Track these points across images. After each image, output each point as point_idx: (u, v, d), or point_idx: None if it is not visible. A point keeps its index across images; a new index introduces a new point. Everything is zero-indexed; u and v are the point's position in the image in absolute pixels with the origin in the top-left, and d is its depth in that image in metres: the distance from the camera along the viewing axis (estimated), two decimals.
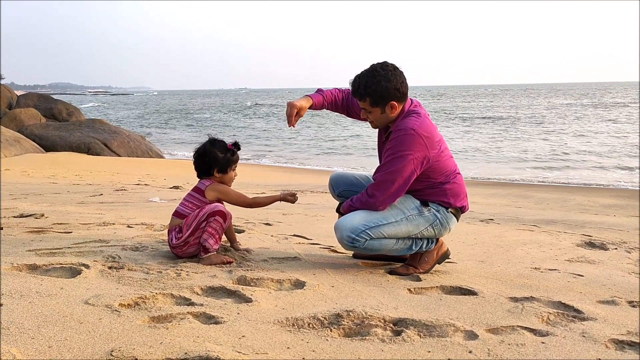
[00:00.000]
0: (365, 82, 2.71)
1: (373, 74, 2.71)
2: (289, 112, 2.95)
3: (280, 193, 3.08)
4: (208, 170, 2.95)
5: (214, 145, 2.95)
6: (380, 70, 2.71)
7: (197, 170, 3.00)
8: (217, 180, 2.97)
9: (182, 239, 2.85)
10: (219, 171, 2.95)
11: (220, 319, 2.03)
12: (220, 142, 2.98)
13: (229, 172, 2.98)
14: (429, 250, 2.93)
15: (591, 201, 8.50)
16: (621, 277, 3.04)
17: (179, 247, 2.87)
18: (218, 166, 2.94)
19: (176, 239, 2.87)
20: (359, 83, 2.74)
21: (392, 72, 2.71)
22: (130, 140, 16.53)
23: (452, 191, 2.86)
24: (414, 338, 1.95)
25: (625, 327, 2.15)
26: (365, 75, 2.73)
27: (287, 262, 2.99)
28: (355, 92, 2.77)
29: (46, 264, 2.62)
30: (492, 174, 13.58)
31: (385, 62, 2.76)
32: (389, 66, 2.73)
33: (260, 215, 4.76)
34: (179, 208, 2.95)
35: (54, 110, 19.28)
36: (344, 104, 3.15)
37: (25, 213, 4.27)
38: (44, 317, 1.92)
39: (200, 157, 2.96)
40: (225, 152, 2.95)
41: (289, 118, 2.95)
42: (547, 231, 4.75)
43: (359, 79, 2.74)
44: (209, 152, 2.94)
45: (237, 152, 3.00)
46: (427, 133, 2.70)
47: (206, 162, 2.94)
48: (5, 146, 13.47)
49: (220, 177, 2.97)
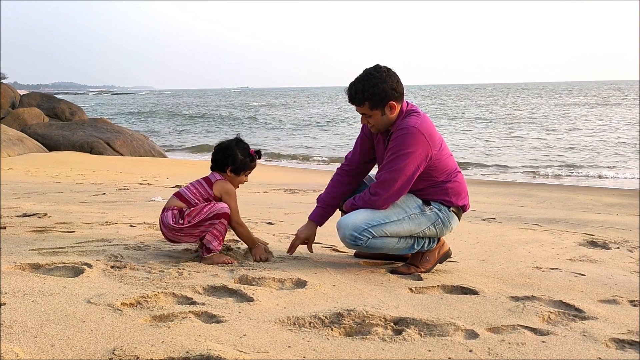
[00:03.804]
0: (362, 86, 2.72)
1: (368, 77, 2.72)
2: (293, 243, 3.02)
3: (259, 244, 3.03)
4: (223, 165, 2.95)
5: (238, 146, 2.96)
6: (374, 72, 2.73)
7: (213, 162, 2.99)
8: (228, 179, 2.97)
9: (181, 226, 2.82)
10: (232, 170, 2.95)
11: (222, 318, 2.04)
12: (245, 145, 2.99)
13: (241, 175, 2.99)
14: (430, 249, 2.93)
15: (594, 200, 8.48)
16: (623, 277, 3.03)
17: (173, 230, 2.84)
18: (234, 166, 2.94)
19: (173, 221, 2.84)
20: (355, 89, 2.74)
21: (386, 73, 2.73)
22: (133, 139, 16.55)
23: (454, 190, 2.86)
24: (415, 337, 1.96)
25: (626, 326, 2.15)
26: (360, 81, 2.73)
27: (289, 261, 3.00)
28: (352, 99, 2.76)
29: (49, 263, 2.63)
30: (495, 173, 13.56)
31: (378, 64, 2.78)
32: (382, 68, 2.75)
33: (263, 215, 4.77)
34: (183, 191, 2.93)
35: (57, 110, 19.31)
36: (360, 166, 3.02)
37: (28, 212, 4.29)
38: (46, 316, 1.94)
39: (222, 151, 2.96)
40: (245, 155, 2.96)
41: (291, 248, 3.02)
42: (549, 230, 4.74)
43: (355, 85, 2.74)
44: (231, 149, 2.94)
45: (256, 160, 3.01)
46: (428, 131, 2.72)
47: (224, 158, 2.94)
48: (8, 145, 13.51)
49: (232, 177, 2.97)
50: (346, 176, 3.04)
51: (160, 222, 2.93)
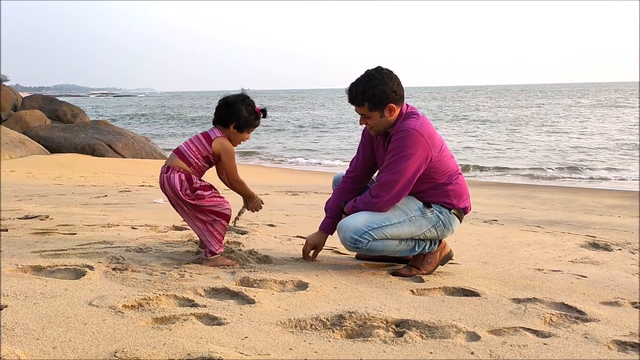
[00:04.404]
0: (363, 87, 2.73)
1: (369, 78, 2.73)
2: (304, 250, 3.08)
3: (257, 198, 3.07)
4: (226, 121, 2.86)
5: (243, 102, 2.88)
6: (375, 74, 2.74)
7: (216, 117, 2.91)
8: (230, 136, 2.89)
9: (186, 197, 2.76)
10: (235, 127, 2.86)
11: (223, 320, 2.04)
12: (250, 102, 2.91)
13: (244, 132, 2.90)
14: (431, 251, 2.93)
15: (596, 202, 8.47)
16: (625, 278, 3.03)
17: (177, 197, 2.77)
18: (237, 122, 2.85)
19: (180, 186, 2.77)
20: (355, 89, 2.75)
21: (387, 75, 2.75)
22: (134, 141, 16.57)
23: (455, 192, 2.86)
24: (416, 339, 1.96)
25: (628, 328, 2.15)
26: (361, 81, 2.75)
27: (290, 263, 3.00)
28: (352, 99, 2.77)
29: (51, 265, 2.64)
30: (496, 175, 13.56)
31: (380, 66, 2.79)
32: (383, 70, 2.77)
33: (264, 217, 4.77)
34: (182, 148, 2.86)
35: (59, 112, 19.34)
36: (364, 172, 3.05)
37: (30, 214, 4.30)
38: (48, 318, 1.94)
39: (226, 105, 2.88)
40: (250, 113, 2.88)
41: (304, 254, 3.08)
42: (551, 232, 4.74)
43: (355, 85, 2.76)
44: (236, 105, 2.86)
45: (260, 118, 2.94)
46: (428, 133, 2.72)
47: (228, 113, 2.86)
48: (10, 148, 13.53)
49: (235, 133, 2.88)
50: (351, 184, 3.05)
51: (164, 180, 2.82)
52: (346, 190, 3.04)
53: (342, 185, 3.07)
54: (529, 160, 16.12)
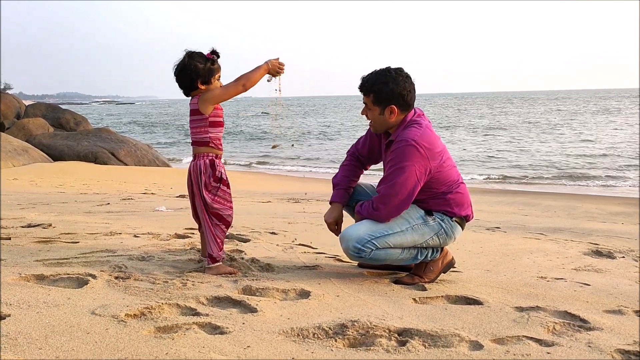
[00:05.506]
0: (375, 79, 2.80)
1: (385, 73, 2.80)
2: (330, 229, 3.05)
3: (265, 62, 2.92)
4: (192, 84, 2.85)
5: (192, 58, 2.85)
6: (392, 72, 2.79)
7: (182, 88, 2.90)
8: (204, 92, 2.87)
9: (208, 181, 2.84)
10: (202, 82, 2.85)
11: (226, 329, 2.04)
12: (198, 53, 2.88)
13: (212, 82, 2.87)
14: (434, 259, 2.92)
15: (599, 209, 8.45)
16: (628, 286, 3.02)
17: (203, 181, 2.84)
18: (200, 78, 2.84)
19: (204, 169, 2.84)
20: (368, 78, 2.83)
21: (403, 78, 2.78)
22: (137, 149, 16.61)
23: (455, 201, 2.86)
24: (419, 348, 1.95)
25: (632, 337, 2.14)
26: (377, 73, 2.82)
27: (292, 271, 2.99)
28: (362, 86, 2.85)
29: (53, 274, 2.64)
30: (499, 181, 13.55)
31: (401, 68, 2.84)
32: (402, 72, 2.81)
33: (266, 224, 4.77)
34: (193, 137, 2.91)
35: (62, 120, 19.43)
36: (365, 160, 3.12)
37: (33, 223, 4.31)
38: (51, 328, 1.94)
39: (181, 72, 2.86)
40: (205, 62, 2.85)
41: (334, 232, 3.05)
42: (554, 239, 4.72)
43: (370, 75, 2.83)
44: (189, 65, 2.84)
45: (217, 61, 2.90)
46: (427, 144, 2.72)
47: (188, 76, 2.84)
48: (13, 156, 13.58)
49: (206, 88, 2.86)
50: (356, 161, 3.13)
51: (190, 169, 2.90)
52: (354, 166, 3.12)
53: (348, 162, 3.14)
54: (530, 166, 16.12)
